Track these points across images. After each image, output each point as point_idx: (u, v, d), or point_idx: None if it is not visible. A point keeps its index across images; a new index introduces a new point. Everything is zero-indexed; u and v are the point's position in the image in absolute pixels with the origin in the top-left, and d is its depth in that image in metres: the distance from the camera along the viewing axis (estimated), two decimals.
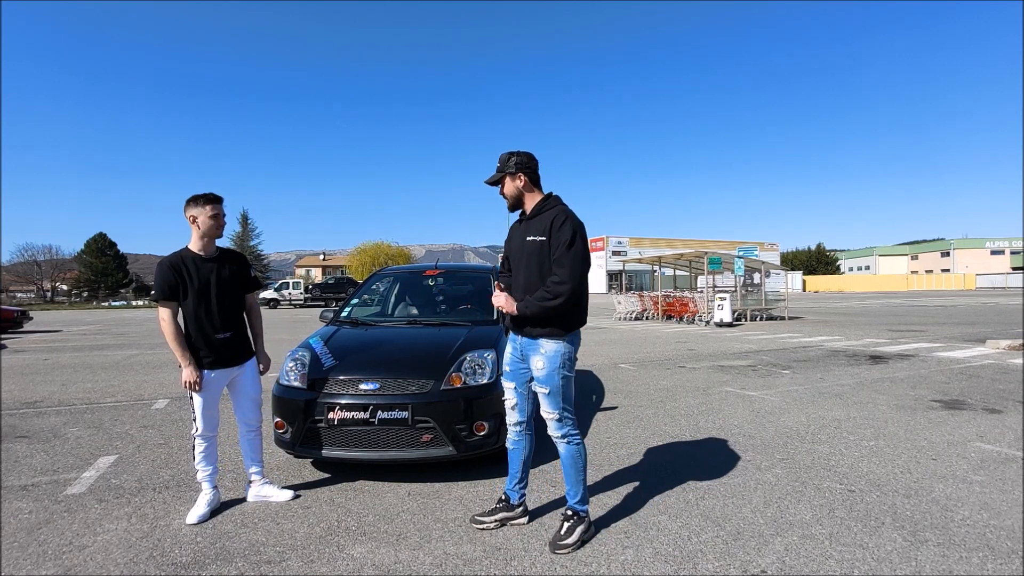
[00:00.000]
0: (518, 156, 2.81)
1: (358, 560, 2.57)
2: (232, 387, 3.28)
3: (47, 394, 6.74)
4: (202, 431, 3.11)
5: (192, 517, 2.98)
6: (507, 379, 2.92)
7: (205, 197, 3.13)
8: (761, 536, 2.75)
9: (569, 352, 2.73)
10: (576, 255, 2.65)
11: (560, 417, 2.74)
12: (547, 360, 2.69)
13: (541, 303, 2.63)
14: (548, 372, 2.69)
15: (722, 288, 19.55)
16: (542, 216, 2.77)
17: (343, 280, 41.68)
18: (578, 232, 2.70)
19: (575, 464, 2.76)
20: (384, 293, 5.70)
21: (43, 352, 11.55)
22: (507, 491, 2.96)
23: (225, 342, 3.16)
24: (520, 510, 2.95)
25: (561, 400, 2.72)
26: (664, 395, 6.25)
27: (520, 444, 2.92)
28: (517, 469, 2.94)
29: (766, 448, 4.19)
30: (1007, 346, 9.60)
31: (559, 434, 2.76)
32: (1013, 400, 5.72)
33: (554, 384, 2.70)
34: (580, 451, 2.77)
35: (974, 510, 3.03)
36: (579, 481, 2.76)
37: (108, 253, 63.60)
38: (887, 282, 67.27)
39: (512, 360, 2.88)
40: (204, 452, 3.13)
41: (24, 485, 3.57)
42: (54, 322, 23.43)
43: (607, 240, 60.41)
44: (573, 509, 2.74)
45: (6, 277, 61.36)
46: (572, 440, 2.76)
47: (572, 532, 2.67)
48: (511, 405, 2.90)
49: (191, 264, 3.10)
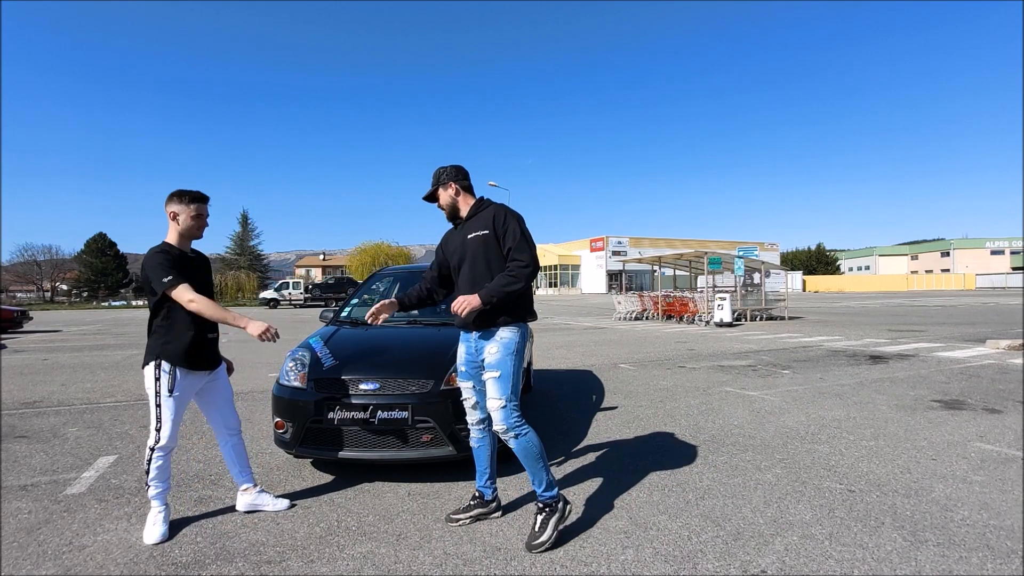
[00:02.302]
0: (448, 169, 3.00)
1: (358, 560, 2.57)
2: (205, 392, 3.06)
3: (47, 394, 6.74)
4: (165, 442, 2.80)
5: (154, 536, 2.75)
6: (463, 379, 2.98)
7: (191, 195, 2.92)
8: (761, 536, 2.75)
9: (522, 339, 2.85)
10: (530, 241, 2.83)
11: (505, 404, 2.72)
12: (502, 345, 2.78)
13: (505, 288, 2.71)
14: (502, 356, 2.76)
15: (722, 288, 19.54)
16: (479, 216, 2.91)
17: (343, 280, 41.70)
18: (522, 222, 2.87)
19: (529, 455, 2.73)
20: (384, 293, 5.70)
21: (43, 352, 11.55)
22: (479, 488, 3.02)
23: (213, 342, 3.05)
24: (493, 505, 3.01)
25: (509, 386, 2.75)
26: (664, 395, 6.25)
27: (484, 441, 3.01)
28: (485, 466, 3.01)
29: (766, 448, 4.19)
30: (1007, 346, 9.60)
31: (504, 427, 2.72)
32: (1013, 400, 5.72)
33: (505, 368, 2.75)
34: (530, 440, 2.74)
35: (974, 510, 3.03)
36: (540, 469, 2.75)
37: (108, 253, 63.63)
38: (887, 282, 67.29)
39: (467, 359, 2.94)
40: (161, 467, 2.84)
41: (24, 485, 3.57)
42: (54, 322, 23.44)
43: (607, 240, 60.40)
44: (543, 500, 2.74)
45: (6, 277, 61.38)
46: (520, 432, 2.73)
47: (545, 526, 2.66)
48: (471, 404, 2.98)
49: (178, 259, 2.90)
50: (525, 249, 2.78)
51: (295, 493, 3.38)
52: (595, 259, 61.66)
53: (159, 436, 2.81)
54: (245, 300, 49.47)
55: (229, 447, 3.15)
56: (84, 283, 61.27)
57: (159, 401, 2.80)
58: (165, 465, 2.87)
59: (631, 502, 3.19)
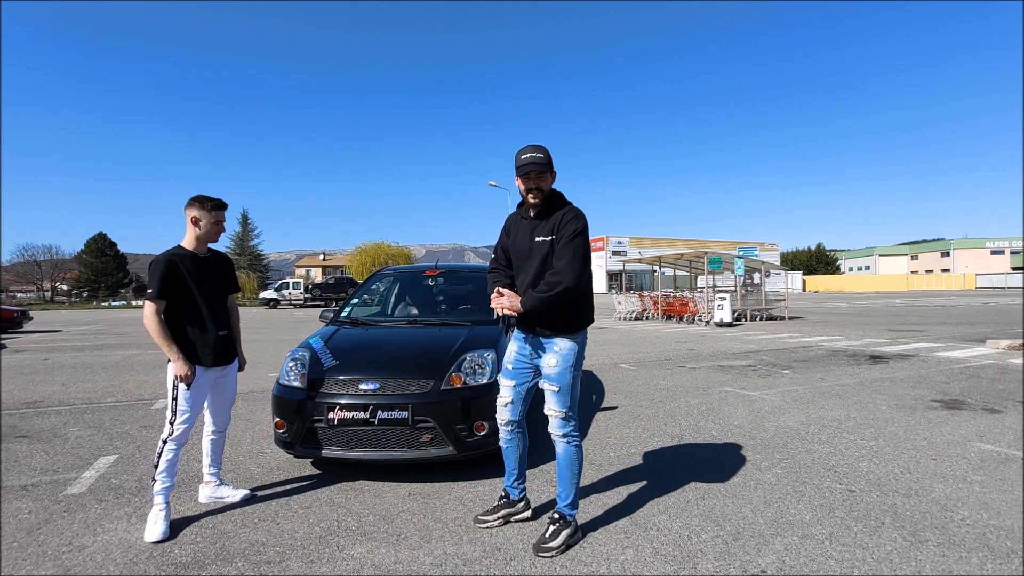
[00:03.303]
0: (547, 152, 2.73)
1: (358, 560, 2.57)
2: (214, 388, 3.20)
3: (47, 394, 6.74)
4: (178, 435, 2.94)
5: (155, 534, 2.78)
6: (506, 376, 2.87)
7: (213, 202, 3.09)
8: (761, 536, 2.75)
9: (580, 350, 2.76)
10: (576, 249, 2.63)
11: (566, 416, 2.73)
12: (561, 358, 2.70)
13: (539, 295, 2.60)
14: (561, 370, 2.70)
15: (722, 288, 19.54)
16: (553, 216, 2.74)
17: (343, 280, 41.69)
18: (585, 230, 2.70)
19: (571, 466, 2.74)
20: (384, 293, 5.70)
21: (43, 352, 11.55)
22: (506, 488, 2.97)
23: (223, 339, 3.16)
24: (522, 505, 2.96)
25: (569, 398, 2.73)
26: (664, 395, 6.25)
27: (513, 443, 2.91)
28: (513, 467, 2.95)
29: (766, 448, 4.19)
30: (1007, 346, 9.60)
31: (561, 432, 2.74)
32: (1013, 400, 5.72)
33: (565, 382, 2.70)
34: (578, 453, 2.76)
35: (974, 510, 3.03)
36: (572, 484, 2.75)
37: (108, 253, 63.64)
38: (887, 282, 67.28)
39: (516, 358, 2.84)
40: (171, 460, 2.94)
41: (24, 485, 3.57)
42: (54, 322, 23.42)
43: (607, 240, 60.40)
44: (561, 513, 2.72)
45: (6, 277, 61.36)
46: (572, 440, 2.75)
47: (557, 536, 2.63)
48: (504, 403, 2.86)
49: (189, 262, 3.06)
50: (564, 256, 2.61)
51: (295, 493, 3.38)
52: (595, 259, 61.71)
53: (172, 428, 2.93)
54: (245, 300, 49.46)
55: (209, 441, 3.27)
56: (84, 283, 61.28)
57: (176, 394, 2.95)
58: (174, 459, 2.97)
59: (631, 502, 3.19)
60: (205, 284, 3.09)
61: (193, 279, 3.04)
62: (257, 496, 3.33)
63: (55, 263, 63.76)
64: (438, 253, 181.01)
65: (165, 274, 2.95)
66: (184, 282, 3.00)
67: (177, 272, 2.99)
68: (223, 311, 3.22)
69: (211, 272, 3.16)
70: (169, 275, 2.96)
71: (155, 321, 2.92)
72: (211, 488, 3.26)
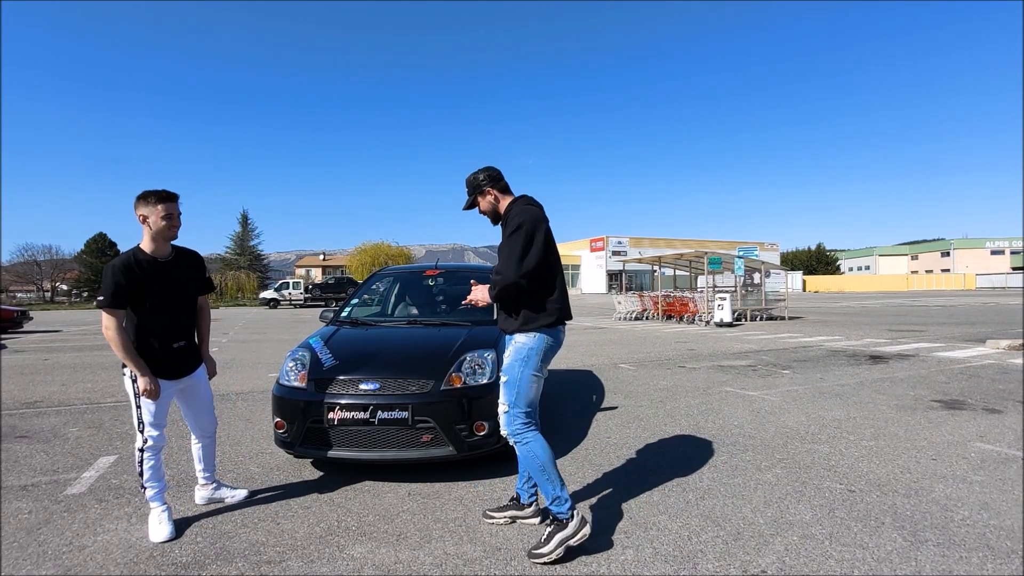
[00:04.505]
0: (482, 173, 2.92)
1: (358, 560, 2.57)
2: (183, 396, 3.08)
3: (47, 394, 6.74)
4: (154, 442, 2.85)
5: (162, 534, 2.77)
6: None
7: (157, 195, 2.83)
8: (761, 536, 2.75)
9: (536, 348, 2.73)
10: (513, 245, 2.68)
11: (509, 410, 2.72)
12: (514, 351, 2.76)
13: (490, 292, 2.78)
14: (510, 362, 2.76)
15: (722, 288, 19.54)
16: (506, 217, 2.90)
17: (343, 280, 41.69)
18: (524, 224, 2.70)
19: (531, 464, 2.70)
20: (384, 293, 5.70)
21: (43, 352, 11.55)
22: (517, 490, 2.97)
23: (179, 351, 2.97)
24: (531, 510, 2.94)
25: (515, 393, 2.72)
26: (664, 395, 6.25)
27: None
28: (524, 468, 2.93)
29: (766, 448, 4.19)
30: (1007, 346, 9.60)
31: (507, 432, 2.75)
32: (1013, 400, 5.72)
33: (512, 374, 2.73)
34: (532, 451, 2.69)
35: (974, 510, 3.03)
36: (545, 482, 2.66)
37: (108, 253, 63.56)
38: (887, 282, 67.26)
39: None
40: (154, 466, 2.87)
41: (24, 485, 3.57)
42: (54, 322, 23.43)
43: (607, 240, 60.38)
44: (551, 512, 2.67)
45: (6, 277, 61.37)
46: (520, 440, 2.71)
47: (550, 539, 2.55)
48: None
49: (145, 267, 2.81)
50: (503, 252, 2.72)
51: (295, 493, 3.38)
52: (595, 259, 61.65)
53: (143, 436, 2.86)
54: (245, 300, 49.45)
55: (199, 447, 3.22)
56: (84, 283, 61.23)
57: (138, 403, 2.85)
58: (157, 464, 2.91)
59: (631, 502, 3.19)
60: (166, 290, 2.87)
61: (150, 285, 2.82)
62: (257, 496, 3.33)
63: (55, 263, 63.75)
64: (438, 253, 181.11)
65: (113, 281, 2.73)
66: (137, 290, 2.78)
67: (130, 278, 2.76)
68: (187, 319, 3.04)
69: (175, 276, 2.93)
70: (119, 282, 2.74)
71: (113, 334, 2.74)
72: (209, 490, 3.24)
